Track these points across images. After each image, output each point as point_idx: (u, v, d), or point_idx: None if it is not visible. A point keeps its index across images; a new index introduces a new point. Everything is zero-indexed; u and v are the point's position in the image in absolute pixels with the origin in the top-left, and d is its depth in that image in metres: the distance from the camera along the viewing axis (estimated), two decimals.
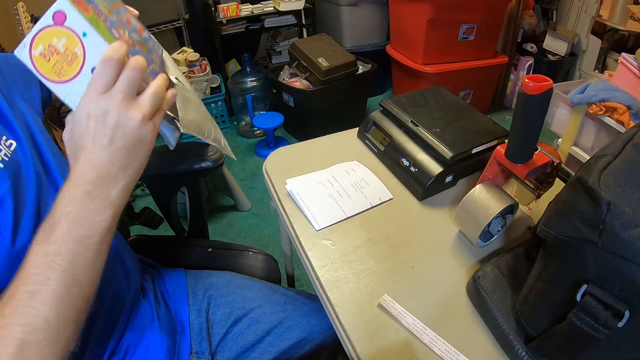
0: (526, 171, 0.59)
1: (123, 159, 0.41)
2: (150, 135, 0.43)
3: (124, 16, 0.52)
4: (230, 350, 0.68)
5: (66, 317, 0.38)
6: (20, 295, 0.36)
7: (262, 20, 2.49)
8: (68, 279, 0.38)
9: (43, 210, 0.54)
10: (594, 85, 1.30)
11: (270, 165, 0.82)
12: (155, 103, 0.44)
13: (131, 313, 0.63)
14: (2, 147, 0.51)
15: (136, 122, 0.41)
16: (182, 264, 0.81)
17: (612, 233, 0.35)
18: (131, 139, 0.41)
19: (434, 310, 0.55)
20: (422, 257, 0.63)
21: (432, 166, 0.72)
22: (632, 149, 0.40)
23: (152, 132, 0.43)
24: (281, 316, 0.73)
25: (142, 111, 0.42)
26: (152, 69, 0.52)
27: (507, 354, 0.50)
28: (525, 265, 0.57)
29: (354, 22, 2.53)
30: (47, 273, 0.37)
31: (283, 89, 2.20)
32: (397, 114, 0.81)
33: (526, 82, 0.50)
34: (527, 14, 2.58)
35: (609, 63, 2.29)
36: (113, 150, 0.41)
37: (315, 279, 0.61)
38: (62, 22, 0.42)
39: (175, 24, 2.30)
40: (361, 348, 0.51)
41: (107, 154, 0.41)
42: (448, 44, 2.12)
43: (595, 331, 0.38)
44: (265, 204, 1.90)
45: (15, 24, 1.53)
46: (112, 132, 0.40)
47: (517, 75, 2.56)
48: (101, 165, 0.41)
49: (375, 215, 0.71)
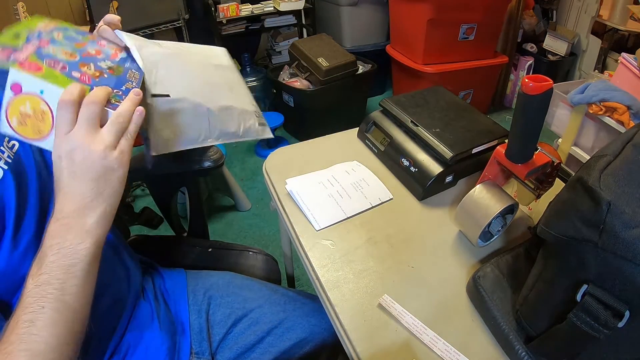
0: (526, 171, 0.59)
1: (94, 189, 0.44)
2: (117, 163, 0.45)
3: (93, 49, 0.55)
4: (231, 351, 0.68)
5: (64, 338, 0.42)
6: (21, 324, 0.40)
7: (262, 20, 2.49)
8: (60, 305, 0.41)
9: (45, 210, 0.54)
10: (594, 85, 1.30)
11: (270, 165, 0.82)
12: (117, 129, 0.46)
13: (131, 313, 0.63)
14: (4, 149, 0.52)
15: (99, 154, 0.44)
16: (182, 264, 0.81)
17: (612, 233, 0.35)
18: (98, 170, 0.44)
19: (434, 310, 0.55)
20: (422, 257, 0.63)
21: (432, 166, 0.72)
22: (632, 149, 0.40)
23: (118, 159, 0.45)
24: (281, 316, 0.73)
25: (105, 142, 0.44)
26: (127, 88, 0.54)
27: (507, 354, 0.50)
28: (525, 265, 0.57)
29: (354, 22, 2.53)
30: (41, 302, 0.41)
31: (283, 89, 2.20)
32: (397, 114, 0.81)
33: (526, 82, 0.50)
34: (527, 14, 2.58)
35: (609, 63, 2.29)
36: (83, 183, 0.44)
37: (315, 279, 0.61)
38: (20, 91, 0.47)
39: (175, 24, 2.31)
40: (361, 348, 0.51)
41: (78, 187, 0.44)
42: (448, 44, 2.12)
43: (595, 331, 0.38)
44: (265, 204, 1.90)
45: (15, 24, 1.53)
46: (79, 166, 0.44)
47: (517, 75, 2.56)
48: (74, 198, 0.44)
49: (375, 215, 0.71)
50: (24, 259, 0.49)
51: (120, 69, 0.55)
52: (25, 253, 0.49)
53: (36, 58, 0.49)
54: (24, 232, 0.50)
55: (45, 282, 0.41)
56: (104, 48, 0.57)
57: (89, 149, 0.44)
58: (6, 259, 0.47)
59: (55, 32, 0.55)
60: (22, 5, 1.53)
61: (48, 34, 0.54)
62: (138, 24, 2.14)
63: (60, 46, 0.53)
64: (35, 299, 0.40)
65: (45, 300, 0.41)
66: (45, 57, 0.50)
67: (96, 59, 0.55)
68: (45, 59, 0.50)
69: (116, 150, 0.45)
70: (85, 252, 0.44)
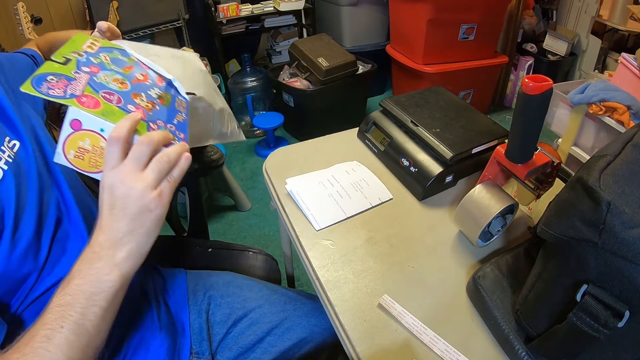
0: (526, 171, 0.59)
1: (127, 226, 0.45)
2: (154, 204, 0.45)
3: (139, 73, 0.58)
4: (231, 351, 0.68)
5: None
6: (38, 337, 0.40)
7: (262, 20, 2.49)
8: (78, 329, 0.42)
9: (45, 210, 0.54)
10: (594, 85, 1.30)
11: (270, 165, 0.82)
12: (160, 169, 0.46)
13: (131, 313, 0.63)
14: (5, 148, 0.52)
15: (138, 192, 0.44)
16: (182, 264, 0.81)
17: (612, 233, 0.35)
18: (134, 208, 0.45)
19: (434, 310, 0.55)
20: (422, 257, 0.63)
21: (432, 166, 0.72)
22: (632, 149, 0.40)
23: (156, 199, 0.45)
24: (281, 316, 0.73)
25: (146, 181, 0.45)
26: (178, 121, 0.56)
27: (507, 354, 0.50)
28: (525, 265, 0.57)
29: (354, 22, 2.53)
30: (61, 322, 0.41)
31: (283, 89, 2.20)
32: (397, 114, 0.81)
33: (526, 82, 0.50)
34: (527, 14, 2.58)
35: (609, 63, 2.29)
36: (119, 217, 0.45)
37: (315, 279, 0.61)
38: (80, 128, 0.49)
39: (175, 24, 2.31)
40: (361, 348, 0.51)
41: (114, 221, 0.45)
42: (448, 44, 2.12)
43: (595, 331, 0.38)
44: (265, 204, 1.90)
45: (15, 24, 1.53)
46: (118, 201, 0.45)
47: (517, 75, 2.56)
48: (108, 230, 0.45)
49: (375, 215, 0.71)
50: (24, 260, 0.49)
51: (169, 97, 0.58)
52: (24, 254, 0.49)
53: (92, 90, 0.51)
54: (22, 233, 0.50)
55: (68, 304, 0.42)
56: (148, 71, 0.60)
57: (129, 185, 0.44)
58: (5, 260, 0.47)
59: (102, 55, 0.58)
60: (22, 5, 1.53)
61: (96, 57, 0.56)
62: (138, 24, 2.15)
63: (111, 73, 0.55)
64: (55, 317, 0.41)
65: (65, 321, 0.41)
66: (99, 88, 0.52)
67: (146, 87, 0.57)
68: (101, 92, 0.52)
69: (156, 191, 0.45)
70: (110, 284, 0.44)
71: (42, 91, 0.47)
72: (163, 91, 0.58)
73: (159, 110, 0.54)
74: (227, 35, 2.37)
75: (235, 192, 1.82)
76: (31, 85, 0.47)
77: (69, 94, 0.49)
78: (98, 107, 0.50)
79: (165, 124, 0.53)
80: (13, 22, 1.57)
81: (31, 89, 0.47)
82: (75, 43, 0.56)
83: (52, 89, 0.48)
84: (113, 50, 0.59)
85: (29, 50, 0.73)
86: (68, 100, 0.48)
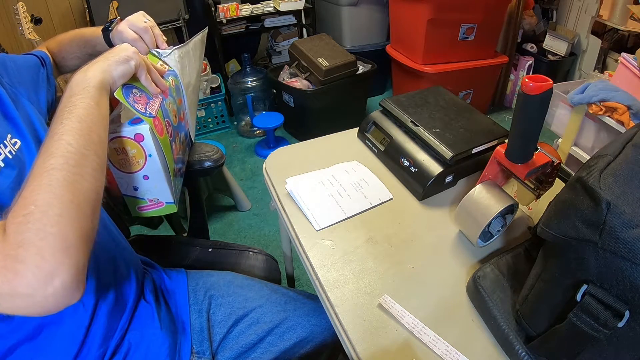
0: (526, 171, 0.59)
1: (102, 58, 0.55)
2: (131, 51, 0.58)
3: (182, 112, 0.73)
4: (231, 350, 0.68)
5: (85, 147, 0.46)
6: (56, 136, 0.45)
7: (262, 20, 2.49)
8: (77, 117, 0.47)
9: None
10: (594, 85, 1.30)
11: (270, 165, 0.82)
12: None
13: (132, 313, 0.63)
14: (7, 144, 0.52)
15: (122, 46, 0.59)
16: (183, 264, 0.81)
17: (612, 233, 0.35)
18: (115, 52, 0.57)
19: (434, 310, 0.55)
20: (422, 257, 0.63)
21: (432, 166, 0.72)
22: (632, 149, 0.40)
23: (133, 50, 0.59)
24: (282, 316, 0.73)
25: None
26: (178, 106, 0.72)
27: (507, 354, 0.50)
28: (525, 265, 0.57)
29: (354, 22, 2.53)
30: (61, 119, 0.47)
31: (283, 89, 2.20)
32: (397, 114, 0.81)
33: (526, 82, 0.50)
34: (527, 14, 2.58)
35: (609, 63, 2.29)
36: None
37: (315, 279, 0.61)
38: (140, 141, 0.57)
39: (175, 24, 2.30)
40: (361, 348, 0.51)
41: None
42: (448, 44, 2.12)
43: (596, 331, 0.38)
44: (265, 204, 1.90)
45: (15, 24, 1.53)
46: None
47: (517, 75, 2.56)
48: None
49: (375, 215, 0.71)
50: None
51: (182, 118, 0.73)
52: None
53: (161, 115, 0.60)
54: None
55: (58, 115, 0.47)
56: (185, 107, 0.73)
57: None
58: None
59: (171, 78, 0.68)
60: (22, 5, 1.53)
61: (166, 79, 0.65)
62: None
63: (173, 103, 0.66)
64: (57, 117, 0.47)
65: (64, 116, 0.47)
66: (165, 115, 0.62)
67: (182, 126, 0.71)
68: (166, 119, 0.62)
69: None
70: (88, 82, 0.51)
71: (130, 102, 0.55)
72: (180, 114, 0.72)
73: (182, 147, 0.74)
74: (227, 35, 2.37)
75: (235, 192, 1.82)
76: (122, 94, 0.55)
77: (148, 112, 0.57)
78: (161, 135, 0.59)
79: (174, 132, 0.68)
80: (13, 22, 1.57)
81: (122, 98, 0.54)
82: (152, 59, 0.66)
83: (137, 102, 0.56)
84: (177, 75, 0.70)
85: (39, 51, 0.75)
86: (147, 118, 0.56)
